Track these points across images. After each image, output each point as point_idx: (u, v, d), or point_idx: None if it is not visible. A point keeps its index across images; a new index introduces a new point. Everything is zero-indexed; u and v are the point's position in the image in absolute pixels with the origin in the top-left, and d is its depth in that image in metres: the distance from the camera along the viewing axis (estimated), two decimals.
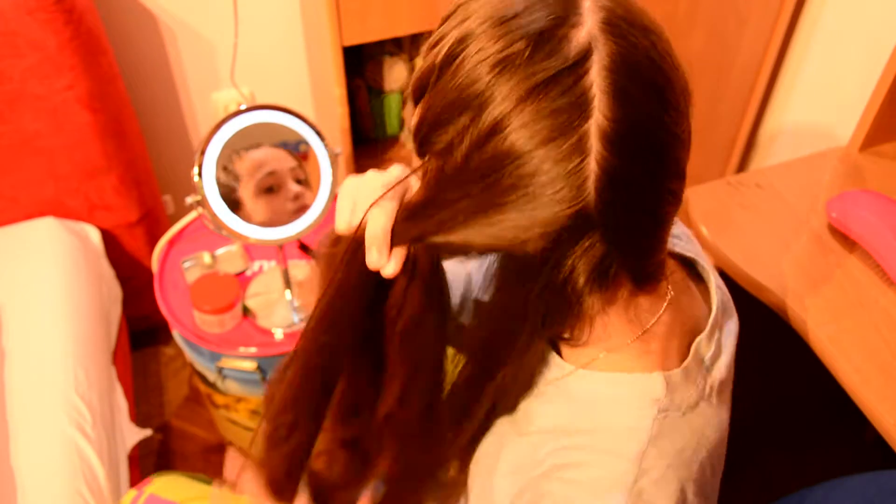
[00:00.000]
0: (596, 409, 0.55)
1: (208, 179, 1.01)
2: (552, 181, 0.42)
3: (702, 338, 0.58)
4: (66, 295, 1.25)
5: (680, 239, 0.67)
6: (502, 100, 0.42)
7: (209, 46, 1.53)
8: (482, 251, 0.49)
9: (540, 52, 0.42)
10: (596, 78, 0.42)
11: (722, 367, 0.59)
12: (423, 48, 0.49)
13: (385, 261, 0.51)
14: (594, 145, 0.42)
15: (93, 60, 1.26)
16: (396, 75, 1.57)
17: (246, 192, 1.04)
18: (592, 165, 0.42)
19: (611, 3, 0.45)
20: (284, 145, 1.08)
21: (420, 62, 0.49)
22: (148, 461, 1.51)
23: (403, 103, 1.63)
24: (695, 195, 1.11)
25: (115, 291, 1.46)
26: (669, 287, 0.56)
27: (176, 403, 1.64)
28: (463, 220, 0.46)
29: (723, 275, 1.06)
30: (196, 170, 1.00)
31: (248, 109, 1.02)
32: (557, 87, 0.42)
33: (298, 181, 1.10)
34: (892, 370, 0.86)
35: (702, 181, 1.13)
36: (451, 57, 0.45)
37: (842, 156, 1.17)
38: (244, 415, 1.28)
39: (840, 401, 0.94)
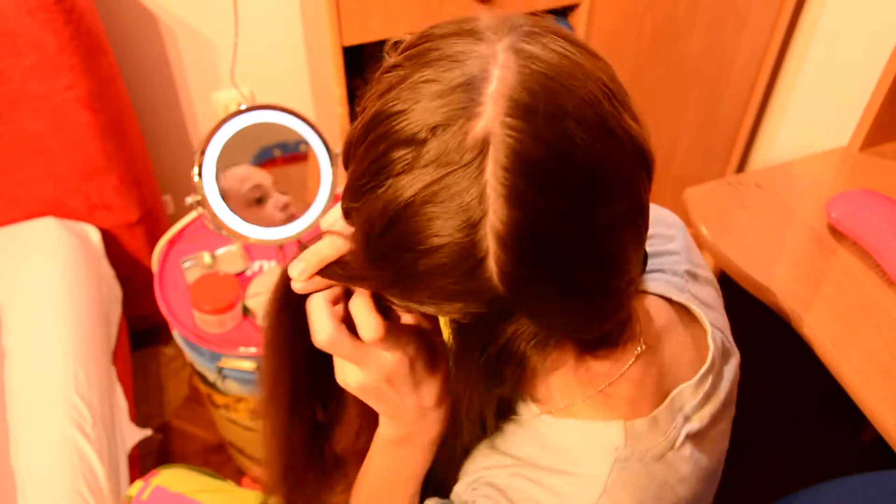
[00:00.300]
0: (559, 453, 0.55)
1: (208, 179, 1.01)
2: (457, 278, 0.42)
3: (686, 387, 0.57)
4: (66, 295, 1.25)
5: (681, 278, 0.64)
6: (406, 190, 0.41)
7: (209, 46, 1.53)
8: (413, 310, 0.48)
9: (439, 144, 0.40)
10: (491, 178, 0.40)
11: (705, 416, 0.58)
12: (355, 115, 0.48)
13: (302, 277, 0.50)
14: (490, 246, 0.40)
15: (93, 60, 1.26)
16: None
17: (237, 205, 1.04)
18: (492, 266, 0.41)
19: (518, 87, 0.41)
20: (278, 147, 1.08)
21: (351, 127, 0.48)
22: (148, 461, 1.51)
23: None
24: (695, 195, 1.11)
25: (115, 291, 1.46)
26: (642, 341, 0.55)
27: (176, 403, 1.64)
28: (385, 287, 0.46)
29: (723, 275, 1.06)
30: (196, 170, 1.00)
31: (248, 109, 1.02)
32: (456, 184, 0.40)
33: (281, 192, 1.11)
34: (892, 370, 0.86)
35: (702, 181, 1.13)
36: (366, 133, 0.44)
37: (842, 156, 1.17)
38: (244, 415, 1.28)
39: (840, 401, 0.94)
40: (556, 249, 0.41)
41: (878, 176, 1.13)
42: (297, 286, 0.51)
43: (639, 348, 0.55)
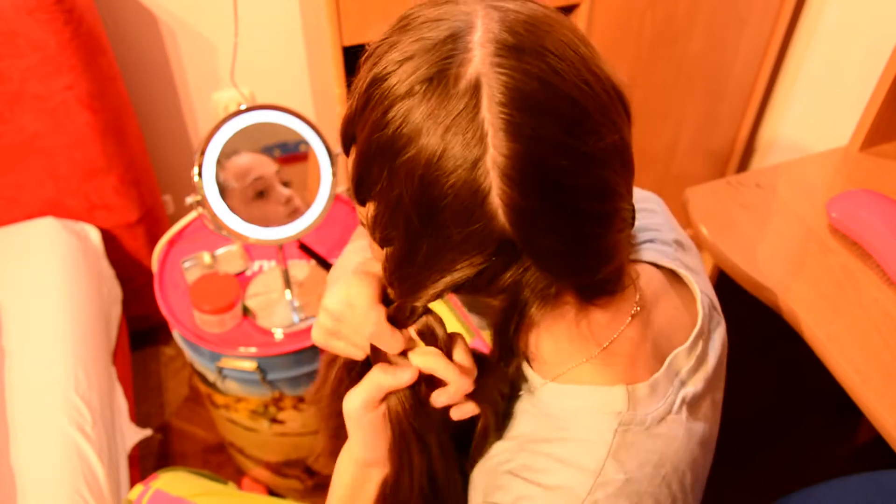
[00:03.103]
0: (562, 421, 0.56)
1: (208, 179, 1.01)
2: (470, 219, 0.44)
3: (680, 350, 0.58)
4: (66, 295, 1.25)
5: (669, 246, 0.66)
6: (411, 147, 0.44)
7: (209, 46, 1.53)
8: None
9: (434, 95, 0.43)
10: (487, 114, 0.42)
11: (699, 381, 0.59)
12: (347, 97, 0.51)
13: (396, 343, 0.54)
14: (494, 181, 0.43)
15: (93, 60, 1.26)
16: None
17: (237, 201, 1.04)
18: (497, 201, 0.43)
19: (503, 31, 0.44)
20: (278, 147, 1.08)
21: (345, 110, 0.50)
22: (148, 461, 1.51)
23: None
24: (695, 195, 1.11)
25: (115, 291, 1.46)
26: (637, 301, 0.56)
27: (176, 403, 1.64)
28: (426, 264, 0.47)
29: (723, 275, 1.06)
30: (196, 170, 1.00)
31: (248, 109, 1.02)
32: (454, 129, 0.43)
33: (284, 184, 1.10)
34: (892, 370, 0.86)
35: (702, 181, 1.13)
36: (363, 103, 0.47)
37: (842, 156, 1.17)
38: (244, 415, 1.28)
39: (840, 401, 0.94)
40: (556, 178, 0.44)
41: (878, 176, 1.13)
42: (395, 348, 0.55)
43: (635, 308, 0.56)
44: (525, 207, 0.43)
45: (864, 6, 1.43)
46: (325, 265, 1.22)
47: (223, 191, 1.02)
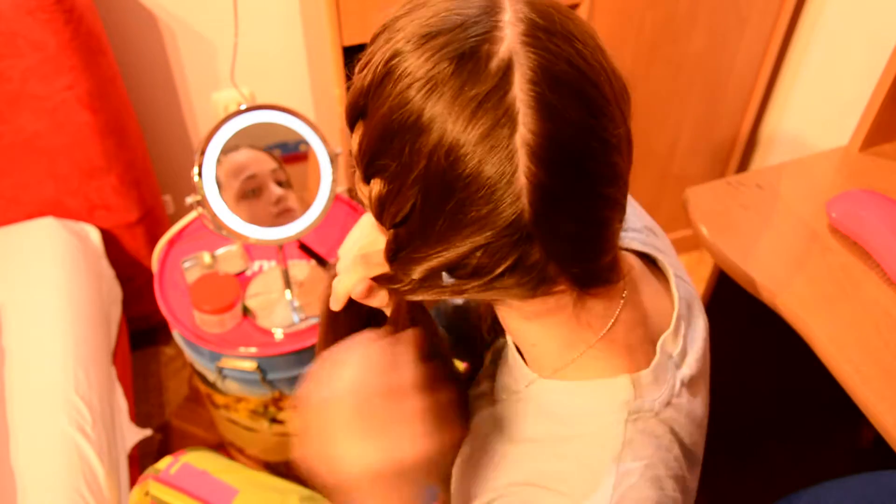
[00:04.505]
0: (570, 418, 0.56)
1: (208, 179, 1.01)
2: (491, 197, 0.43)
3: (667, 335, 0.59)
4: (66, 295, 1.25)
5: (640, 233, 0.67)
6: (436, 124, 0.43)
7: (209, 46, 1.53)
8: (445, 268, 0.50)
9: (464, 72, 0.43)
10: (519, 92, 0.42)
11: (692, 363, 0.60)
12: (355, 70, 0.50)
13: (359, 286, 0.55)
14: (521, 159, 0.43)
15: (93, 60, 1.26)
16: None
17: (227, 197, 1.04)
18: (522, 180, 0.43)
19: (532, 13, 0.44)
20: (278, 147, 1.08)
21: (353, 84, 0.49)
22: (148, 461, 1.50)
23: None
24: (695, 195, 1.11)
25: (115, 291, 1.46)
26: (624, 285, 0.56)
27: (176, 403, 1.64)
28: (436, 241, 0.47)
29: (723, 275, 1.06)
30: (196, 170, 1.00)
31: (248, 109, 1.01)
32: (485, 105, 0.42)
33: (279, 183, 1.10)
34: (892, 370, 0.86)
35: (702, 181, 1.13)
36: (381, 78, 0.46)
37: (842, 156, 1.17)
38: (244, 415, 1.28)
39: (840, 401, 0.94)
40: (579, 160, 0.44)
41: (878, 176, 1.12)
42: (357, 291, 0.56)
43: (623, 293, 0.56)
44: (549, 187, 0.43)
45: (864, 5, 1.43)
46: (325, 265, 1.22)
47: (217, 187, 1.02)
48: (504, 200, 0.43)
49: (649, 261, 0.65)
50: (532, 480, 0.55)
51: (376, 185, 0.48)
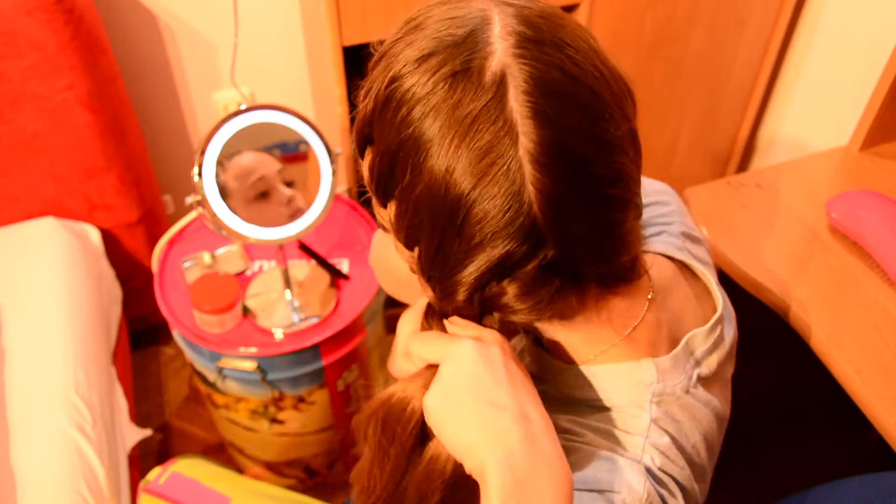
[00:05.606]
0: (597, 394, 0.56)
1: (208, 179, 1.01)
2: (503, 209, 0.44)
3: (699, 332, 0.59)
4: (66, 295, 1.25)
5: (678, 238, 0.68)
6: (436, 144, 0.44)
7: (209, 46, 1.53)
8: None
9: (459, 90, 0.44)
10: (515, 104, 0.43)
11: (713, 363, 0.60)
12: (358, 99, 0.51)
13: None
14: (526, 169, 0.43)
15: (93, 60, 1.26)
16: None
17: (238, 202, 1.04)
18: (530, 189, 0.43)
19: (521, 25, 0.45)
20: (277, 147, 1.08)
21: (357, 113, 0.50)
22: (148, 461, 1.51)
23: None
24: (695, 195, 1.11)
25: (115, 291, 1.46)
26: (651, 288, 0.57)
27: (176, 403, 1.64)
28: (460, 259, 0.47)
29: (723, 275, 1.06)
30: (196, 170, 1.00)
31: (248, 109, 1.01)
32: (482, 120, 0.43)
33: (287, 184, 1.10)
34: (892, 370, 0.86)
35: (702, 181, 1.13)
36: (382, 103, 0.47)
37: (842, 156, 1.17)
38: (244, 415, 1.28)
39: (841, 401, 0.94)
40: (581, 164, 0.45)
41: (878, 176, 1.13)
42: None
43: (650, 294, 0.57)
44: (555, 192, 0.44)
45: (864, 6, 1.43)
46: (325, 265, 1.22)
47: (224, 192, 1.02)
48: (516, 211, 0.44)
49: (685, 267, 0.65)
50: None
51: (391, 208, 0.49)
